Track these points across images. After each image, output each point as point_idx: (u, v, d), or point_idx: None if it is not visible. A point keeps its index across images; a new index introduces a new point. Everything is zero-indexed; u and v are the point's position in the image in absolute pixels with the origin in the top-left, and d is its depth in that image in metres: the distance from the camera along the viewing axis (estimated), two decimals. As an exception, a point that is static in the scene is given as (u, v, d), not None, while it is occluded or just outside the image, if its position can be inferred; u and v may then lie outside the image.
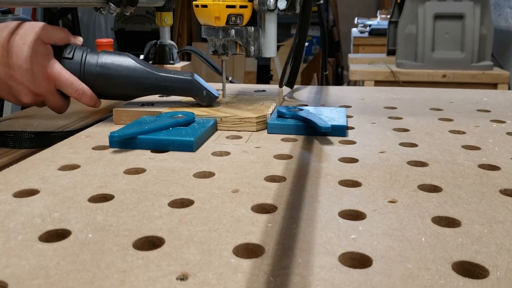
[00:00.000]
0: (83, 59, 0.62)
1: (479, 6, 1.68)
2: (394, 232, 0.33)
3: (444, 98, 0.80)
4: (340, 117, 0.61)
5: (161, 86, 0.62)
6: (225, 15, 0.60)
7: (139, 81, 0.61)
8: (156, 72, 0.62)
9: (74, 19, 3.19)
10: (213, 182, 0.42)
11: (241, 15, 0.61)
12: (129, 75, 0.61)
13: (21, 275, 0.28)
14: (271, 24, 0.63)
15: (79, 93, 0.61)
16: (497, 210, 0.36)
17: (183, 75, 0.62)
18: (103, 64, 0.61)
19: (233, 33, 0.62)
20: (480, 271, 0.28)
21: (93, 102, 0.63)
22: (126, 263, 0.29)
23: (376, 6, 4.73)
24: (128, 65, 0.62)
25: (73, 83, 0.61)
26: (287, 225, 0.34)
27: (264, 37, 0.63)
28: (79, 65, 0.61)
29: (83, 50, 0.62)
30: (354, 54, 2.49)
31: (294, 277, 0.27)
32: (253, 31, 0.62)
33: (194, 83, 0.62)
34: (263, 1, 0.60)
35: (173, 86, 0.62)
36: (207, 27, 0.63)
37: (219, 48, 0.63)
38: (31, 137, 0.58)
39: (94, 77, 0.61)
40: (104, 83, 0.62)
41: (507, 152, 0.51)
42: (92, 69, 0.61)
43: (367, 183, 0.42)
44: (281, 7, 0.61)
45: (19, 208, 0.37)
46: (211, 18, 0.61)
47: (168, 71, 0.62)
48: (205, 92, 0.62)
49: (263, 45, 0.64)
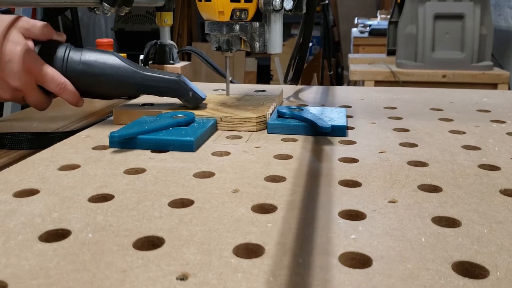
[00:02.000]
0: (66, 55, 0.59)
1: (479, 6, 1.68)
2: (394, 232, 0.33)
3: (444, 98, 0.80)
4: (340, 117, 0.61)
5: (146, 86, 0.60)
6: (229, 9, 0.58)
7: (123, 80, 0.59)
8: (141, 71, 0.60)
9: (74, 19, 3.19)
10: (213, 182, 0.42)
11: (246, 9, 0.59)
12: (113, 73, 0.59)
13: (21, 275, 0.28)
14: (276, 17, 0.61)
15: (61, 87, 0.59)
16: (497, 210, 0.36)
17: (169, 75, 0.60)
18: (87, 61, 0.59)
19: (237, 29, 0.59)
20: (480, 271, 0.28)
21: (76, 99, 0.61)
22: (126, 263, 0.29)
23: (376, 6, 4.73)
24: (112, 63, 0.59)
25: (54, 77, 0.58)
26: (287, 225, 0.34)
27: (270, 33, 0.61)
28: (62, 62, 0.59)
29: (66, 47, 0.60)
30: (354, 54, 2.49)
31: (294, 277, 0.27)
32: (258, 27, 0.60)
33: (180, 84, 0.60)
34: (269, 1, 0.58)
35: (159, 86, 0.60)
36: (210, 23, 0.61)
37: (223, 44, 0.61)
38: (29, 138, 0.57)
39: (77, 74, 0.59)
40: (87, 81, 0.60)
41: (507, 152, 0.51)
42: (75, 66, 0.59)
43: (367, 183, 0.42)
44: (287, 7, 0.58)
45: (19, 208, 0.37)
46: (214, 13, 0.59)
47: (154, 71, 0.60)
48: (191, 93, 0.61)
49: (268, 41, 0.61)
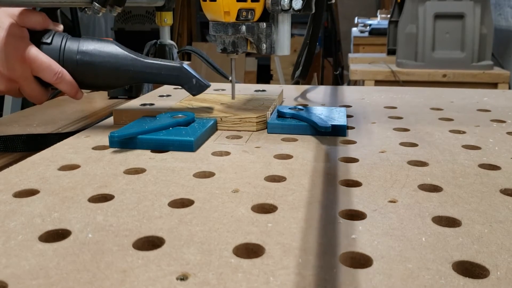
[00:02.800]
0: (63, 45, 0.57)
1: (479, 6, 1.68)
2: (394, 232, 0.33)
3: (445, 97, 0.80)
4: (340, 116, 0.61)
5: (148, 74, 0.58)
6: (236, 9, 0.56)
7: (123, 69, 0.57)
8: (142, 59, 0.58)
9: (74, 19, 3.18)
10: (213, 182, 0.42)
11: (252, 9, 0.56)
12: (113, 62, 0.57)
13: (21, 275, 0.27)
14: (284, 18, 0.59)
15: (58, 77, 0.56)
16: (497, 210, 0.36)
17: (171, 63, 0.58)
18: (85, 50, 0.57)
19: (243, 29, 0.57)
20: (480, 271, 0.28)
21: (74, 90, 0.58)
22: (126, 263, 0.29)
23: (376, 5, 4.73)
24: (111, 52, 0.57)
25: (51, 65, 0.56)
26: (287, 225, 0.34)
27: (277, 34, 0.58)
28: (58, 51, 0.57)
29: (63, 36, 0.58)
30: (354, 54, 2.49)
31: (294, 277, 0.27)
32: (265, 27, 0.57)
33: (182, 70, 0.58)
34: (277, 1, 0.55)
35: (160, 73, 0.58)
36: (215, 23, 0.58)
37: (228, 46, 0.59)
38: (24, 139, 0.56)
39: (74, 64, 0.57)
40: (86, 71, 0.57)
41: (508, 152, 0.51)
42: (72, 56, 0.57)
43: (367, 183, 0.42)
44: (296, 7, 0.55)
45: (19, 208, 0.37)
46: (220, 13, 0.56)
47: (155, 59, 0.59)
48: (195, 80, 0.59)
49: (276, 42, 0.59)
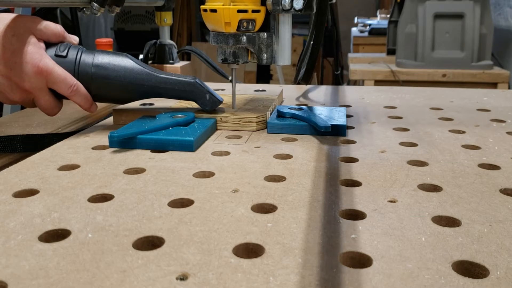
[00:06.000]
0: (78, 58, 0.58)
1: (479, 6, 1.68)
2: (394, 232, 0.33)
3: (444, 97, 0.80)
4: (340, 116, 0.61)
5: (162, 89, 0.58)
6: (236, 20, 0.56)
7: (138, 83, 0.58)
8: (156, 74, 0.58)
9: (74, 19, 3.18)
10: (213, 182, 0.42)
11: (253, 20, 0.56)
12: (127, 76, 0.57)
13: (21, 275, 0.27)
14: (285, 27, 0.58)
15: (73, 90, 0.57)
16: (497, 210, 0.36)
17: (185, 78, 0.59)
18: (100, 64, 0.57)
19: (244, 40, 0.57)
20: (480, 270, 0.28)
21: (88, 103, 0.59)
22: (126, 263, 0.29)
23: (376, 5, 4.73)
24: (126, 66, 0.58)
25: (66, 78, 0.56)
26: (287, 225, 0.34)
27: (278, 43, 0.58)
28: (73, 65, 0.57)
29: (78, 49, 0.59)
30: (354, 54, 2.49)
31: (294, 277, 0.27)
32: (266, 37, 0.58)
33: (196, 86, 0.58)
34: (278, 1, 0.55)
35: (174, 89, 0.58)
36: (216, 34, 0.58)
37: (229, 56, 0.58)
38: (22, 139, 0.56)
39: (89, 77, 0.57)
40: (100, 85, 0.58)
41: (507, 152, 0.51)
42: (87, 69, 0.57)
43: (367, 183, 0.42)
44: (297, 6, 0.55)
45: (18, 208, 0.37)
46: (220, 24, 0.56)
47: (169, 74, 0.59)
48: (208, 96, 0.59)
49: (277, 52, 0.59)
